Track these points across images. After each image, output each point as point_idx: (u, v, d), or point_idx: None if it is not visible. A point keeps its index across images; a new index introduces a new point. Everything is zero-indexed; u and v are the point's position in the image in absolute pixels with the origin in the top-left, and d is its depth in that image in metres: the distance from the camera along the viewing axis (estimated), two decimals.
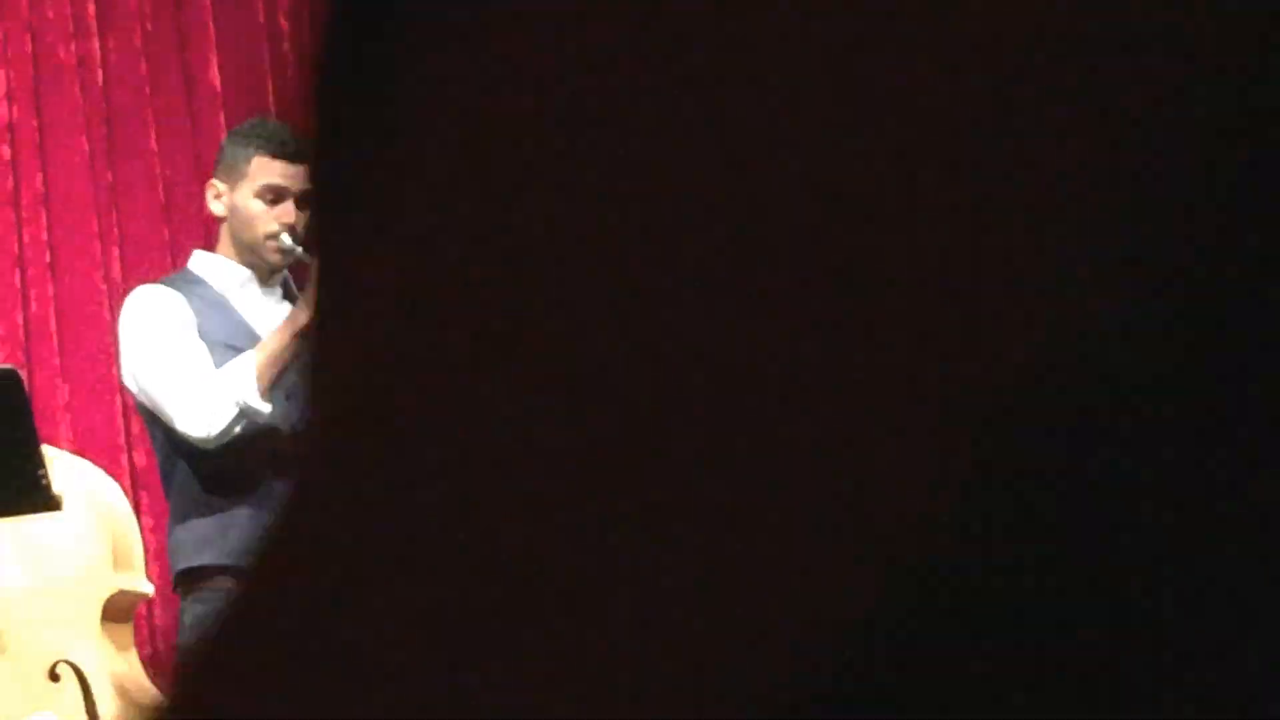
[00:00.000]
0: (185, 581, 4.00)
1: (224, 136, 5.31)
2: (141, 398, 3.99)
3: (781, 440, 0.29)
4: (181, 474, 4.00)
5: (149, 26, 5.35)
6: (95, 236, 5.15)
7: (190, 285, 4.05)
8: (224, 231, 4.08)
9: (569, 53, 0.30)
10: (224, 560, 3.93)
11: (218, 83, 5.40)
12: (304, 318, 3.90)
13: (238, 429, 3.89)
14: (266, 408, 3.90)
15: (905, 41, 0.29)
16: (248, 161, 4.02)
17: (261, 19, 5.50)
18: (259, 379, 3.87)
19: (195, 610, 3.97)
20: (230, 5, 5.47)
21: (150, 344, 3.96)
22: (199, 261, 4.13)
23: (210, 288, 4.05)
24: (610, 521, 0.29)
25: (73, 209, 5.15)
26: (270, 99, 5.46)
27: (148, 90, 5.29)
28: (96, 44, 5.25)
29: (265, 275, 4.08)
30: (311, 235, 0.69)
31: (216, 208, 4.06)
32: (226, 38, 5.45)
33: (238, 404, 3.87)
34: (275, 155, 4.01)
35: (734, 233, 0.29)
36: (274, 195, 4.00)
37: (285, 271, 4.13)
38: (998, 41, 0.28)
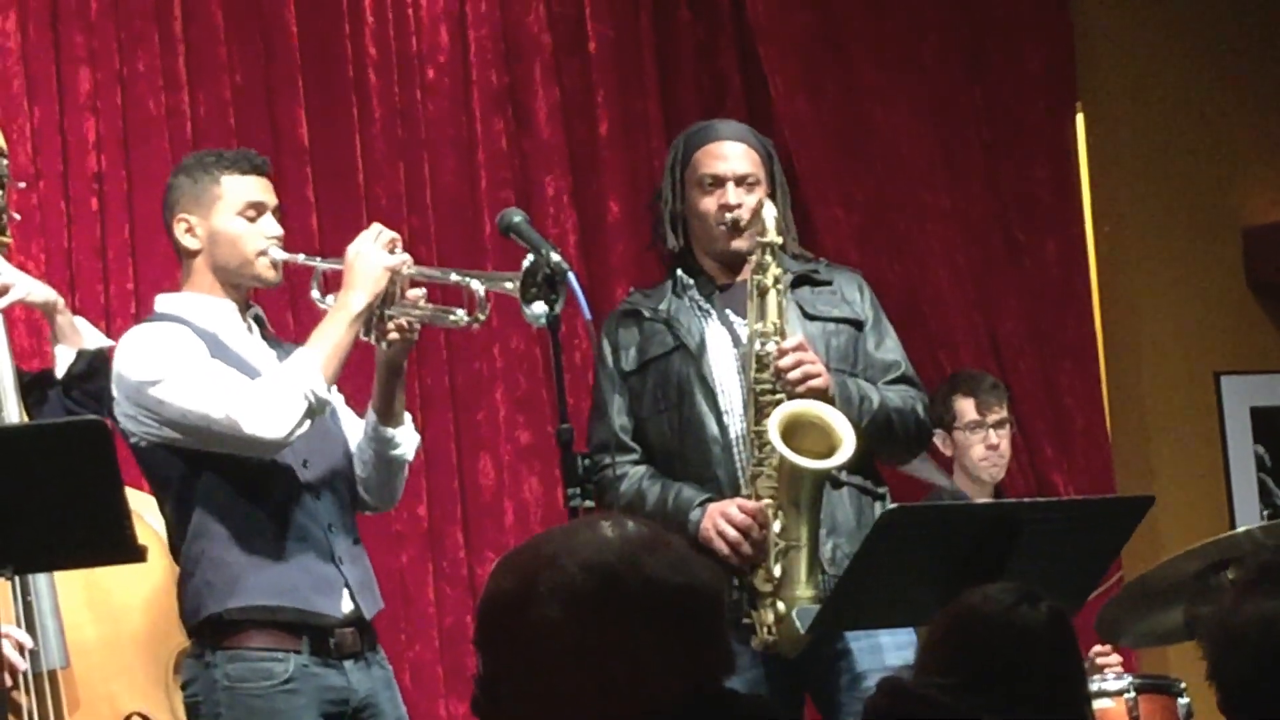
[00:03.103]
0: (213, 631, 3.79)
1: (321, 194, 5.31)
2: (174, 430, 3.78)
3: None
4: (203, 517, 3.80)
5: (238, 80, 5.37)
6: None
7: (179, 323, 3.88)
8: (195, 267, 3.92)
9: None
10: (261, 601, 3.77)
11: (305, 137, 5.41)
12: (358, 303, 3.82)
13: (306, 426, 3.77)
14: (335, 398, 3.83)
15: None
16: (217, 184, 3.90)
17: (350, 74, 5.51)
18: (325, 369, 3.76)
19: (230, 670, 3.76)
20: (319, 60, 5.49)
21: (187, 369, 3.78)
22: (170, 304, 3.96)
23: (195, 325, 3.88)
24: None
25: (159, 260, 5.15)
26: (357, 153, 5.46)
27: (235, 143, 5.28)
28: (186, 97, 5.28)
29: (243, 307, 3.97)
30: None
31: (191, 242, 3.91)
32: (314, 93, 5.46)
33: (306, 397, 3.74)
34: (246, 172, 3.92)
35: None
36: (256, 211, 3.90)
37: (257, 308, 4.01)
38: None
